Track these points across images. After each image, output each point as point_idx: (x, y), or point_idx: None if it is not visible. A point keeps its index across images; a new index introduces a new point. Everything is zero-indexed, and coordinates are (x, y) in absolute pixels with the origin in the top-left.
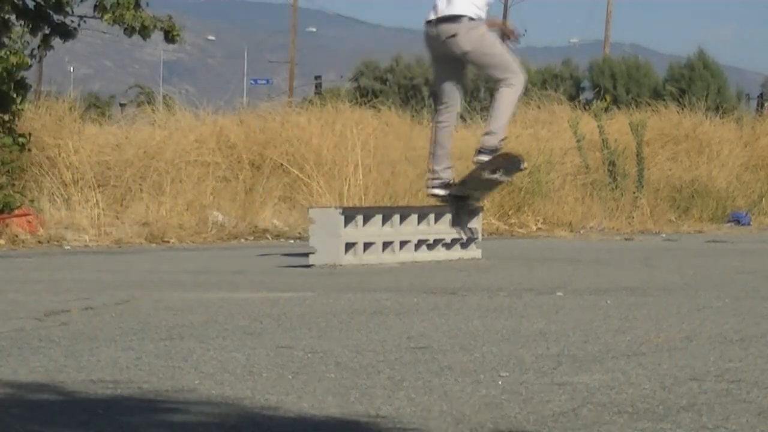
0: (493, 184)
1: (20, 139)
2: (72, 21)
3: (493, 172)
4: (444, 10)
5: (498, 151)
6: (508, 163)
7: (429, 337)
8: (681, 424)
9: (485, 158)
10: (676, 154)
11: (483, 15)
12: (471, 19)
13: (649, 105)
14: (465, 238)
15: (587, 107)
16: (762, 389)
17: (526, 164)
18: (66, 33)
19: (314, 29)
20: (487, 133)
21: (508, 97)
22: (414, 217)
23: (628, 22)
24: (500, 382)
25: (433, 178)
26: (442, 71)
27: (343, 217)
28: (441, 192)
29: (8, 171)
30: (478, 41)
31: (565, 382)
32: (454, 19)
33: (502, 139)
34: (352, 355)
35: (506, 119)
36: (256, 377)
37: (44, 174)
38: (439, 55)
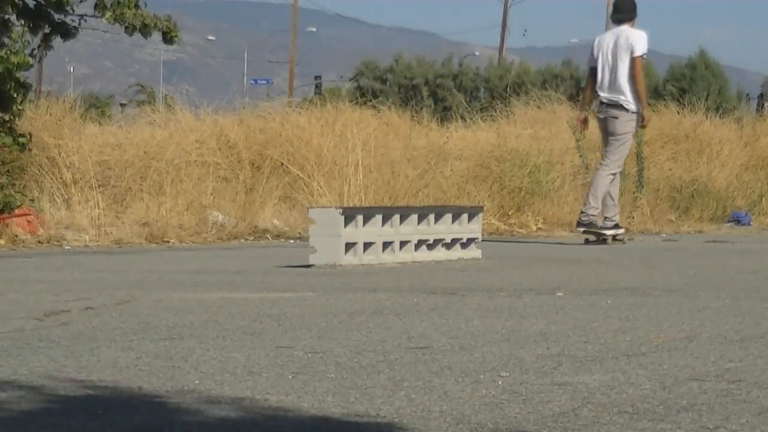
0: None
1: (21, 139)
2: (72, 20)
3: (586, 241)
4: (612, 92)
5: (591, 225)
6: (597, 236)
7: (429, 337)
8: (681, 424)
9: (581, 229)
10: (676, 154)
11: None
12: (634, 112)
13: (649, 105)
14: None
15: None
16: (762, 389)
17: (614, 234)
18: (66, 32)
19: (314, 29)
20: (582, 212)
21: (601, 177)
22: (414, 217)
23: None
24: (500, 382)
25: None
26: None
27: (343, 217)
28: (581, 229)
29: (8, 171)
30: (627, 131)
31: (565, 382)
32: (622, 108)
33: (594, 215)
34: (352, 355)
35: (596, 200)
36: (256, 377)
37: (44, 174)
38: (601, 124)
